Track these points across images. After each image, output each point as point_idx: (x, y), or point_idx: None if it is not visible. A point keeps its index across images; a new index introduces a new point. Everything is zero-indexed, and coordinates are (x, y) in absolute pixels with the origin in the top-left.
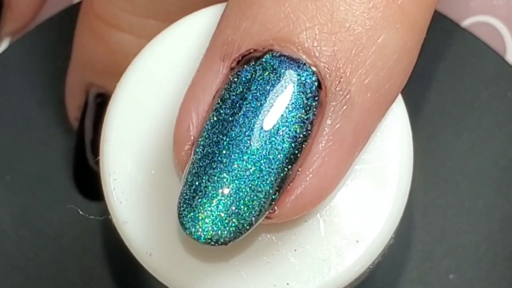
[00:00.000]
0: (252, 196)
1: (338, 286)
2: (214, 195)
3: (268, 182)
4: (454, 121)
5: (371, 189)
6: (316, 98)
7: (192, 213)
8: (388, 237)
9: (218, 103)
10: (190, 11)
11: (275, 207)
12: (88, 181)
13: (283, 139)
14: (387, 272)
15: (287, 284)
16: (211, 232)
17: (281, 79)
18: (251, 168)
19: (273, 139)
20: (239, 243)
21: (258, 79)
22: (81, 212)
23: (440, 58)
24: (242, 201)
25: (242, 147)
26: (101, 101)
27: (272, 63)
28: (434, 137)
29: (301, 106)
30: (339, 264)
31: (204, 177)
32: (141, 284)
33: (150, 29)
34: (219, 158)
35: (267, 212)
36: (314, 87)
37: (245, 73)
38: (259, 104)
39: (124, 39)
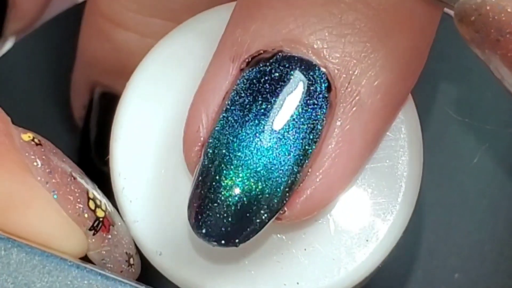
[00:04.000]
0: (262, 197)
1: (347, 285)
2: (225, 196)
3: (278, 183)
4: (460, 120)
5: (381, 188)
6: (326, 99)
7: (202, 214)
8: (398, 236)
9: (228, 104)
10: (195, 10)
11: (285, 208)
12: (92, 179)
13: (293, 140)
14: (392, 271)
15: (297, 283)
16: (221, 233)
17: (290, 80)
18: (261, 170)
19: (283, 140)
20: (249, 243)
21: (268, 80)
22: None
23: (446, 58)
24: (252, 202)
25: (252, 148)
26: (106, 100)
27: (281, 64)
28: (440, 136)
29: (310, 107)
30: (349, 263)
31: (214, 178)
32: (150, 283)
33: (155, 28)
34: (229, 159)
35: (277, 213)
36: (324, 88)
37: (254, 74)
38: (269, 105)
39: (129, 37)
